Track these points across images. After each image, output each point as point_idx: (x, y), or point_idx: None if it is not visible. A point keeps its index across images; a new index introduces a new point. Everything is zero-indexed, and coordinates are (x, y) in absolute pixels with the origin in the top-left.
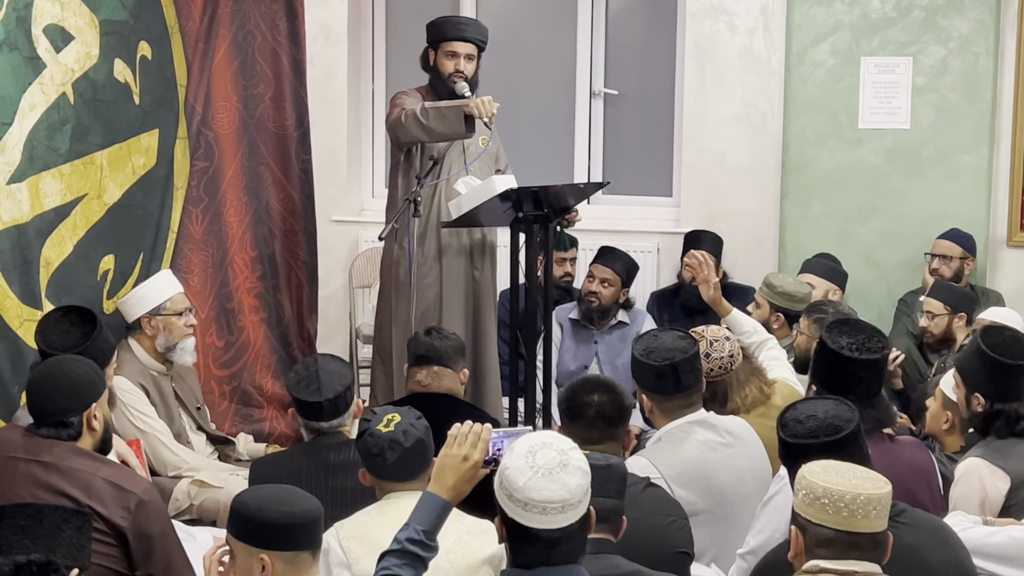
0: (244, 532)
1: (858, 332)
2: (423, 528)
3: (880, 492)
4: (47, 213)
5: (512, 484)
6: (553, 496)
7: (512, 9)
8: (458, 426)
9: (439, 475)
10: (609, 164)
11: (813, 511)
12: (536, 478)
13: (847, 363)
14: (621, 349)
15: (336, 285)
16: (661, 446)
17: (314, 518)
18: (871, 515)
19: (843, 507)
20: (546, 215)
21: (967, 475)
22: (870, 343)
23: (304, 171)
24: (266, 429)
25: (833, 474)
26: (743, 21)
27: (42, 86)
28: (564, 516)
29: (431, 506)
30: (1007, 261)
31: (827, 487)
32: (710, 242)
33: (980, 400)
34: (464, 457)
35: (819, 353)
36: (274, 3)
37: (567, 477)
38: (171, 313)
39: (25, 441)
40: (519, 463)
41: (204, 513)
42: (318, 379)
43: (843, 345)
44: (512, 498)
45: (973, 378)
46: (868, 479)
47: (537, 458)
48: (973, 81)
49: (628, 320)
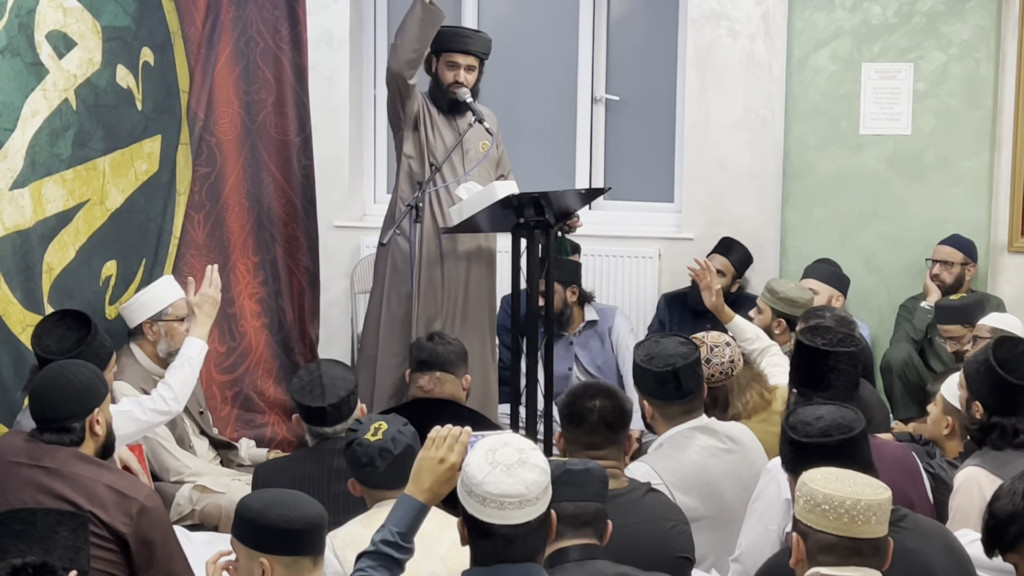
0: (245, 535)
1: (832, 332)
2: (398, 530)
3: (880, 498)
4: (49, 219)
5: (471, 479)
6: (510, 491)
7: (513, 15)
8: (438, 429)
9: (416, 477)
10: (610, 170)
11: (814, 517)
12: (494, 473)
13: (825, 356)
14: (598, 349)
15: (338, 290)
16: (663, 452)
17: (315, 524)
18: (871, 521)
19: (844, 512)
20: (547, 221)
21: (966, 484)
22: (845, 340)
23: (306, 176)
24: (268, 434)
25: (834, 480)
26: (744, 27)
27: (44, 92)
28: (522, 512)
29: (407, 508)
30: (1008, 267)
31: (828, 493)
32: (739, 253)
33: (979, 409)
34: (441, 459)
35: (796, 353)
36: (276, 9)
37: (525, 473)
38: (172, 319)
39: (28, 446)
40: (479, 460)
41: (206, 518)
42: (321, 384)
43: (818, 343)
44: (472, 494)
45: (977, 387)
46: (868, 485)
47: (497, 455)
48: (974, 87)
49: (596, 316)
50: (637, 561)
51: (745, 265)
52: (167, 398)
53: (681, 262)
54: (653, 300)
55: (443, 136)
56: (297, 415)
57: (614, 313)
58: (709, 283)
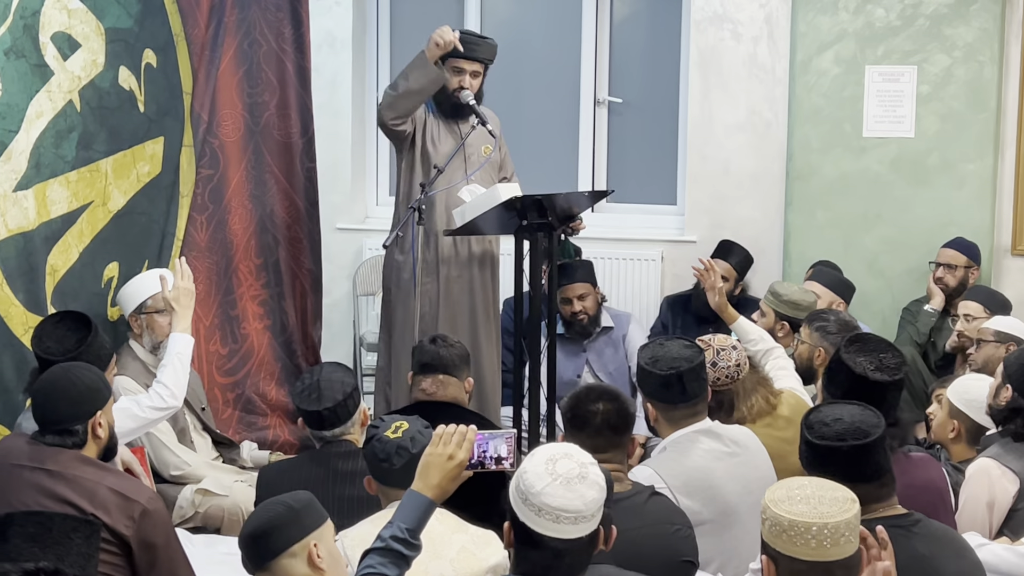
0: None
1: (873, 348)
2: (407, 526)
3: (847, 516)
4: (53, 220)
5: (529, 487)
6: (568, 505)
7: (517, 18)
8: (444, 426)
9: (423, 473)
10: (613, 172)
11: (782, 543)
12: (554, 485)
13: (874, 386)
14: (611, 355)
15: (340, 293)
16: (666, 455)
17: (281, 518)
18: (840, 542)
19: (811, 538)
20: (550, 223)
21: (977, 475)
22: (888, 360)
23: (309, 179)
24: (270, 437)
25: (798, 503)
26: (747, 30)
27: (50, 94)
28: (575, 528)
29: (415, 504)
30: (1012, 269)
31: (792, 519)
32: (739, 256)
33: (1009, 391)
34: (449, 456)
35: (836, 372)
36: (279, 11)
37: (584, 489)
38: (152, 311)
39: (30, 449)
40: (539, 468)
41: (208, 520)
42: (318, 388)
43: (864, 366)
44: (527, 502)
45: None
46: (834, 502)
47: (557, 466)
48: (978, 90)
49: (611, 323)
50: (641, 565)
51: (746, 267)
52: (163, 395)
53: (684, 265)
54: (656, 303)
55: (443, 143)
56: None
57: (629, 320)
58: (713, 283)
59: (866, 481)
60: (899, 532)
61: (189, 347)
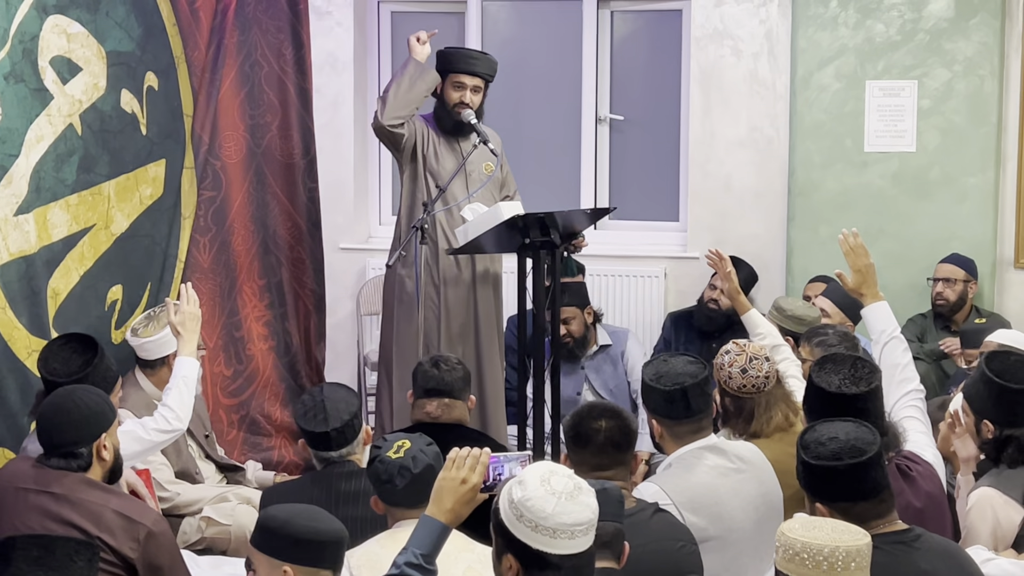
0: (269, 544)
1: (841, 363)
2: (422, 552)
3: (859, 544)
4: (55, 244)
5: (538, 513)
6: (580, 518)
7: (518, 36)
8: (456, 450)
9: (437, 498)
10: (615, 189)
11: (794, 567)
12: (561, 503)
13: (853, 400)
14: (611, 372)
15: (344, 313)
16: (671, 472)
17: (339, 538)
18: (851, 567)
19: (822, 560)
20: (553, 241)
21: (980, 505)
22: (859, 372)
23: (311, 199)
24: (275, 457)
25: (812, 529)
26: (748, 46)
27: (49, 118)
28: (587, 539)
29: (429, 529)
30: (1014, 283)
31: (805, 542)
32: (743, 272)
33: (989, 427)
34: (463, 480)
35: (813, 397)
36: (280, 33)
37: (586, 498)
38: None
39: (35, 472)
40: (538, 492)
41: (215, 543)
42: (324, 409)
43: (836, 384)
44: (538, 528)
45: (980, 404)
46: (848, 531)
47: (553, 485)
48: (978, 104)
49: (609, 340)
50: None
51: (751, 283)
52: (168, 418)
53: (687, 281)
54: (659, 319)
55: (445, 160)
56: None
57: (627, 336)
58: (726, 271)
59: (864, 499)
60: (901, 548)
61: (195, 371)
